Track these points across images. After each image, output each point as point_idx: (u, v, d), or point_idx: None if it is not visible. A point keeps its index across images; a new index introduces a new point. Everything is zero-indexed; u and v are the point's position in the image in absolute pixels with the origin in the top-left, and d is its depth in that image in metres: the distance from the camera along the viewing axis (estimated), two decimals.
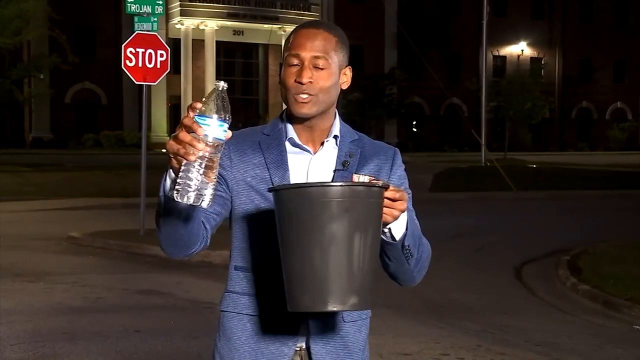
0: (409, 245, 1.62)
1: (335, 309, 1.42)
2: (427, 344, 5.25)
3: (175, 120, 35.78)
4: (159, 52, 9.81)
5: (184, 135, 1.39)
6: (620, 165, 26.27)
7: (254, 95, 39.13)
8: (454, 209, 14.50)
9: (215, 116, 1.38)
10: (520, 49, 44.33)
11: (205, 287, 6.96)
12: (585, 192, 18.08)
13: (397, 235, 1.59)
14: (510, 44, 44.09)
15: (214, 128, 1.37)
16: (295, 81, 1.65)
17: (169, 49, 9.99)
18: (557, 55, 45.67)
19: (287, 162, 1.70)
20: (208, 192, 1.39)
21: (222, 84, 1.40)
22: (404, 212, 1.55)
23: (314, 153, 1.72)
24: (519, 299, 7.12)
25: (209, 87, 35.16)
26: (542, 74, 35.63)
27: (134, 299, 6.54)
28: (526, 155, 32.66)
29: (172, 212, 1.54)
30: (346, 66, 1.72)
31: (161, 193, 1.53)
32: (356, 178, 1.68)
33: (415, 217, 1.75)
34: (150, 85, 10.02)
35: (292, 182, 1.68)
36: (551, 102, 34.56)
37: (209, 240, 1.69)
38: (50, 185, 17.28)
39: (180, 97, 35.33)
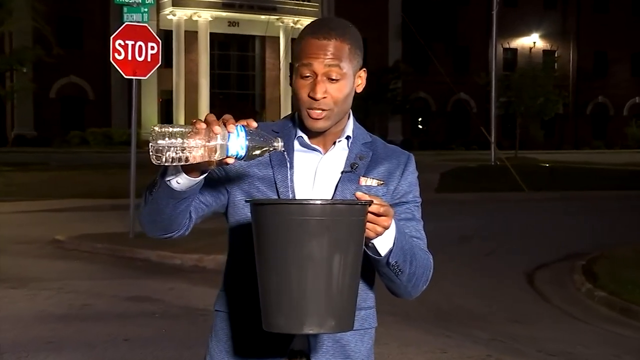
0: (396, 262, 1.62)
1: (311, 331, 1.43)
2: (434, 354, 5.25)
3: (167, 116, 35.79)
4: (150, 44, 9.81)
5: (214, 121, 1.48)
6: (638, 165, 26.27)
7: (249, 90, 39.14)
8: (462, 210, 14.51)
9: (247, 143, 1.48)
10: (532, 41, 44.36)
11: (198, 294, 6.95)
12: (601, 193, 18.09)
13: (382, 251, 1.59)
14: (522, 36, 44.12)
15: (235, 142, 1.47)
16: (308, 96, 1.67)
17: (160, 41, 9.99)
18: (571, 48, 45.70)
19: (293, 161, 1.72)
20: (174, 154, 1.44)
21: (281, 146, 1.53)
22: (388, 228, 1.55)
23: (324, 153, 1.75)
24: (531, 305, 7.11)
25: (203, 82, 35.19)
26: (555, 67, 35.73)
27: (123, 306, 6.53)
28: (538, 153, 32.70)
29: (164, 190, 1.58)
30: (361, 69, 1.73)
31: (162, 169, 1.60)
32: (363, 181, 1.73)
33: (422, 228, 1.77)
34: (140, 79, 10.01)
35: (296, 181, 1.71)
36: (565, 97, 34.59)
37: (189, 230, 1.74)
38: (34, 185, 17.29)
39: (172, 92, 35.35)
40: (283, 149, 1.54)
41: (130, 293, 7.03)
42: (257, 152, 1.50)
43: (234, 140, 1.47)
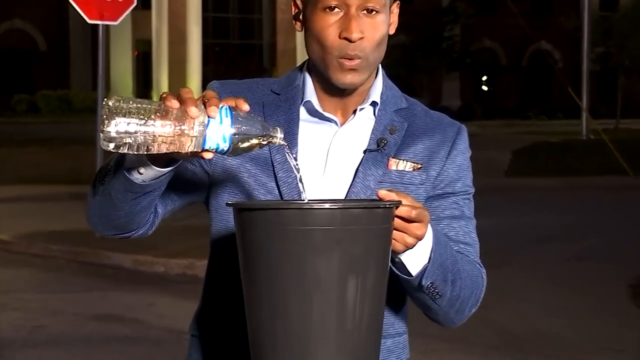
0: (432, 284, 1.59)
1: None
2: None
3: (144, 74, 35.95)
4: None
5: (191, 99, 1.43)
6: None
7: (255, 39, 39.16)
8: (540, 201, 14.46)
9: (232, 133, 1.44)
10: None
11: (187, 311, 6.97)
12: None
13: (413, 270, 1.57)
14: None
15: (216, 131, 1.43)
16: (340, 37, 1.63)
17: None
18: None
19: (296, 135, 1.70)
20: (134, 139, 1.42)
21: (280, 138, 1.49)
22: (421, 238, 1.51)
23: (341, 124, 1.73)
24: (634, 329, 7.10)
25: (193, 28, 35.26)
26: None
27: (88, 328, 6.62)
28: None
29: (120, 182, 1.56)
30: (394, 1, 1.72)
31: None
32: (394, 164, 1.69)
33: (473, 230, 1.75)
34: (108, 25, 10.06)
35: (302, 163, 1.68)
36: None
37: (154, 227, 1.74)
38: None
39: (151, 42, 35.47)
40: (283, 142, 1.49)
41: (97, 310, 7.12)
42: (246, 145, 1.46)
43: (215, 129, 1.43)
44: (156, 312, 7.10)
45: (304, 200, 1.56)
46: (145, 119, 1.41)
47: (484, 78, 42.79)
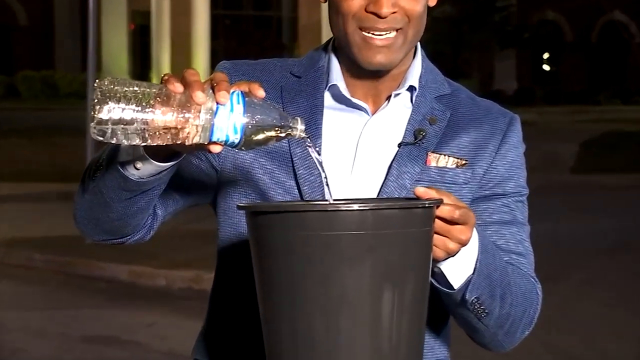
0: (477, 299, 1.59)
1: None
2: None
3: (142, 51, 36.00)
4: None
5: (197, 82, 1.41)
6: None
7: (273, 11, 39.17)
8: (611, 202, 14.37)
9: (245, 123, 1.43)
10: None
11: (192, 332, 6.98)
12: None
13: (455, 282, 1.57)
14: None
15: (225, 120, 1.43)
16: (366, 10, 1.63)
17: None
18: None
19: (320, 125, 1.72)
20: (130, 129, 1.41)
21: (300, 130, 1.47)
22: (465, 244, 1.50)
23: (373, 113, 1.74)
24: None
25: None
26: None
27: (77, 351, 6.69)
28: None
29: (114, 178, 1.56)
30: None
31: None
32: (434, 160, 1.70)
33: (526, 238, 1.75)
34: None
35: (326, 158, 1.68)
36: None
37: (153, 232, 1.74)
38: None
39: (150, 13, 35.52)
40: (304, 134, 1.47)
41: (88, 331, 7.17)
42: (260, 137, 1.45)
43: (225, 117, 1.42)
44: (157, 333, 7.14)
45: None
46: (144, 104, 1.40)
47: (546, 56, 42.54)
